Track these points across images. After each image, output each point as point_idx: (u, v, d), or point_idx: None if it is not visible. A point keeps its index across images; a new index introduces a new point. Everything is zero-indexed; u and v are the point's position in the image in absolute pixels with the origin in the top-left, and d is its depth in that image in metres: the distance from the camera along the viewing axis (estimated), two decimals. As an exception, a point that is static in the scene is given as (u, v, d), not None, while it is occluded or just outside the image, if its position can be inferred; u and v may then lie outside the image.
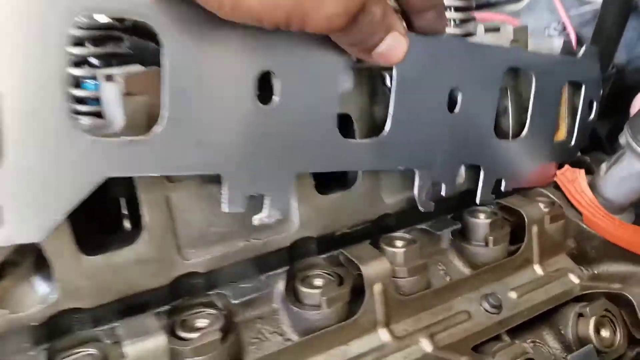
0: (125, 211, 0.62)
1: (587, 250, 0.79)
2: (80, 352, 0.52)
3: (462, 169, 0.72)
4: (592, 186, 0.82)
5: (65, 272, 0.50)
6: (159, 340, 0.50)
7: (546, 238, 0.75)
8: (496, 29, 0.78)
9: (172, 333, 0.54)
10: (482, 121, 0.69)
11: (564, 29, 1.10)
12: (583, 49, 0.77)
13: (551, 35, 1.12)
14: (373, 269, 0.61)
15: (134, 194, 0.53)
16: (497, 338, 0.66)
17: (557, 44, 0.79)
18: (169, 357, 0.50)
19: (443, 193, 0.69)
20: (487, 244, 0.71)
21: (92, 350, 0.52)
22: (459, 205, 0.76)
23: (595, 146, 1.02)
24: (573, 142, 0.83)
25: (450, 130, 0.66)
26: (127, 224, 0.62)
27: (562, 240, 0.78)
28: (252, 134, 0.51)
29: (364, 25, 0.47)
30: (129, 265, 0.53)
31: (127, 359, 0.49)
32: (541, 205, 0.76)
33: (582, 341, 0.69)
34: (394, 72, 0.59)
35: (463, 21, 0.77)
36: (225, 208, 0.52)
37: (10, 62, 0.40)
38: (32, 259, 0.51)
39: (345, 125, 0.62)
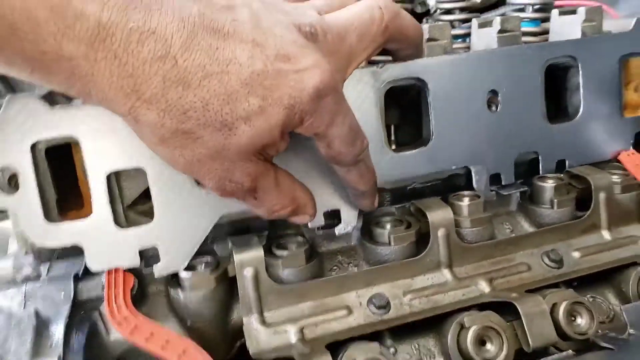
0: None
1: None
2: (200, 259, 0.68)
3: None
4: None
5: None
6: (258, 251, 0.65)
7: (616, 206, 0.78)
8: (573, 12, 0.84)
9: (268, 250, 0.68)
10: (528, 113, 0.76)
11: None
12: (634, 21, 0.79)
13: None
14: (438, 215, 0.71)
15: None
16: (555, 287, 0.71)
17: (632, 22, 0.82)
18: (264, 265, 0.65)
19: (503, 182, 0.77)
20: (552, 206, 0.77)
21: (209, 258, 0.68)
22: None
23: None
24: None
25: (495, 127, 0.74)
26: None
27: (636, 210, 0.81)
28: (321, 163, 0.65)
29: (252, 206, 0.61)
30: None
31: (234, 263, 0.64)
32: (612, 175, 0.79)
33: (644, 298, 0.72)
34: (430, 88, 0.70)
35: (540, 8, 0.83)
36: (309, 225, 0.68)
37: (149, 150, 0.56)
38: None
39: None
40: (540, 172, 0.79)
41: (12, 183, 0.60)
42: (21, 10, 0.41)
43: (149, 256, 0.64)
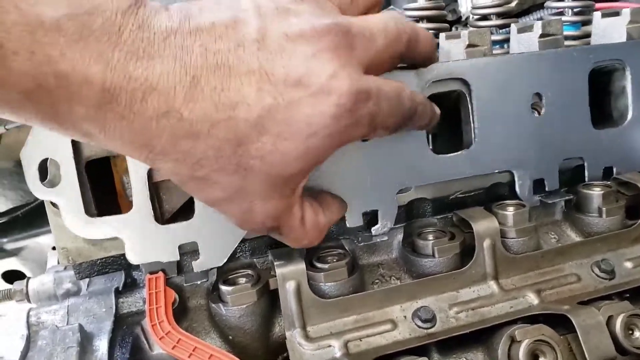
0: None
1: None
2: (241, 273, 0.67)
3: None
4: None
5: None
6: (300, 265, 0.64)
7: (669, 213, 0.75)
8: (616, 14, 0.81)
9: (309, 263, 0.67)
10: (573, 117, 0.74)
11: None
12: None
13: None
14: (483, 225, 0.69)
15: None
16: (608, 299, 0.68)
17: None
18: (306, 279, 0.63)
19: (547, 188, 0.75)
20: (600, 215, 0.74)
21: (249, 272, 0.67)
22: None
23: None
24: None
25: (539, 131, 0.72)
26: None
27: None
28: (361, 164, 0.65)
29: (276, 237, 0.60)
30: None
31: (276, 277, 0.63)
32: (664, 181, 0.76)
33: None
34: (473, 89, 0.69)
35: (580, 11, 0.82)
36: (348, 224, 0.67)
37: None
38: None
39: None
40: (586, 179, 0.76)
41: (54, 176, 0.60)
42: (33, 77, 0.40)
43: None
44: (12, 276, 1.66)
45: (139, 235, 0.61)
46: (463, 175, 0.72)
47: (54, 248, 1.67)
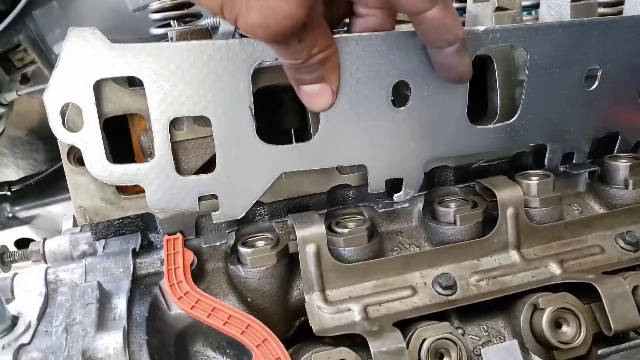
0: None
1: None
2: (260, 236, 0.67)
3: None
4: None
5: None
6: (320, 228, 0.63)
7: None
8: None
9: (328, 228, 0.66)
10: (625, 90, 0.71)
11: None
12: None
13: None
14: (506, 194, 0.67)
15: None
16: (633, 270, 0.67)
17: None
18: (326, 242, 0.62)
19: (575, 160, 0.73)
20: (626, 186, 0.73)
21: (268, 235, 0.66)
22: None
23: None
24: None
25: (587, 105, 0.69)
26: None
27: None
28: (388, 132, 0.63)
29: (293, 52, 0.52)
30: (298, 173, 0.66)
31: (296, 240, 0.62)
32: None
33: None
34: (528, 60, 0.65)
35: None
36: (370, 189, 0.66)
37: (216, 98, 0.57)
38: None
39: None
40: (616, 151, 0.74)
41: (76, 122, 0.59)
42: None
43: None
44: (24, 244, 1.67)
45: (160, 183, 0.60)
46: (497, 149, 0.70)
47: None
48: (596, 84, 0.68)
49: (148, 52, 0.56)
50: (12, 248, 1.64)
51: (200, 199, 0.62)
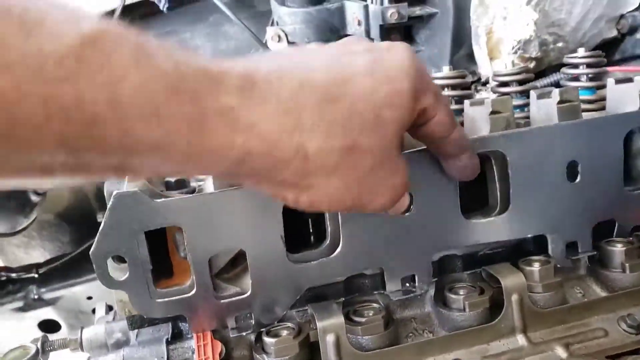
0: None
1: None
2: (283, 325, 0.72)
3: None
4: None
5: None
6: (339, 318, 0.68)
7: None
8: (630, 80, 0.87)
9: (346, 316, 0.71)
10: (608, 181, 0.77)
11: None
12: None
13: None
14: (511, 281, 0.73)
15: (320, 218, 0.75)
16: (635, 353, 0.71)
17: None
18: (345, 332, 0.67)
19: (580, 250, 0.78)
20: (624, 270, 0.77)
21: (290, 324, 0.71)
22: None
23: None
24: None
25: (575, 197, 0.76)
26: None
27: None
28: (398, 235, 0.72)
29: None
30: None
31: (317, 330, 0.67)
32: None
33: None
34: (509, 162, 0.73)
35: (594, 77, 0.88)
36: (388, 289, 0.74)
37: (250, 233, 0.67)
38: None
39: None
40: (614, 236, 0.80)
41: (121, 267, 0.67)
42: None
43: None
44: (47, 325, 1.71)
45: (200, 313, 0.69)
46: (496, 239, 0.76)
47: (89, 298, 1.72)
48: (578, 178, 0.75)
49: (188, 205, 0.65)
50: (36, 330, 1.68)
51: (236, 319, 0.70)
